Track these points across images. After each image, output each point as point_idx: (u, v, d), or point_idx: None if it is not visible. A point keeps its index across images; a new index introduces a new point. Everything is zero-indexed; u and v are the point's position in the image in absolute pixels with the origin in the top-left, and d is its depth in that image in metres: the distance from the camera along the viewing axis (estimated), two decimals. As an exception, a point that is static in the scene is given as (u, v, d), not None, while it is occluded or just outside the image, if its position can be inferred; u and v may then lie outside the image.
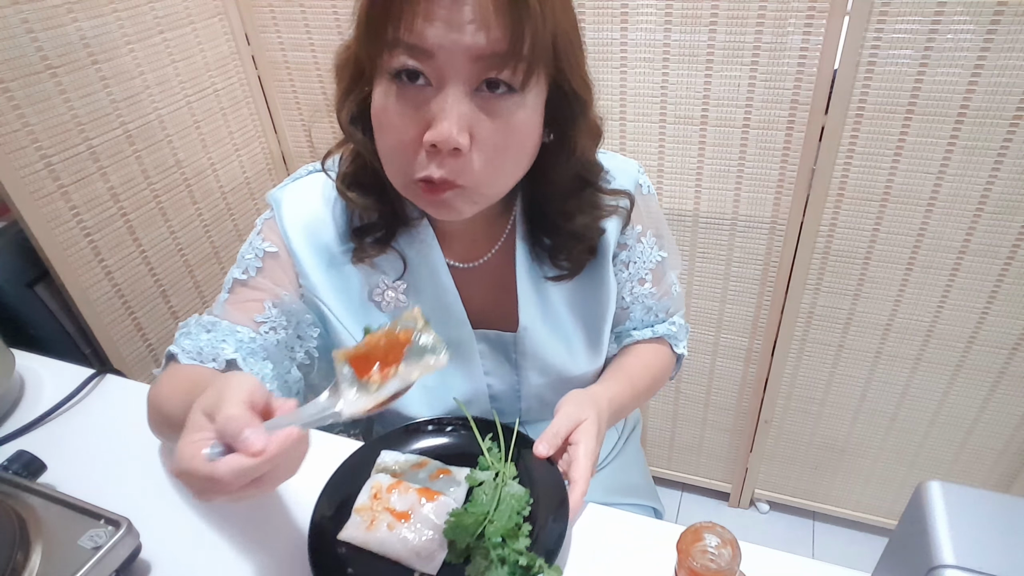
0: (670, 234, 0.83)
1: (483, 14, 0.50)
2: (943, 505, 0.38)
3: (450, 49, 0.51)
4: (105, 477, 0.69)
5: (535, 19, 0.50)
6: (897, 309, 1.22)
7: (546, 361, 0.76)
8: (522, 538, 0.57)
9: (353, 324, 0.72)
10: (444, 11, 0.50)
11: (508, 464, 0.65)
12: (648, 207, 0.79)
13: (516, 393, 0.79)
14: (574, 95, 0.59)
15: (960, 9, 0.93)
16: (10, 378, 0.79)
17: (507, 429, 0.69)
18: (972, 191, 1.05)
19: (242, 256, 0.71)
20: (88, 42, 1.05)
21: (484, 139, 0.55)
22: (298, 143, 1.49)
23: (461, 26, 0.50)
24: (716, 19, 1.05)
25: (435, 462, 0.67)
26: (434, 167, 0.55)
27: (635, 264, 0.79)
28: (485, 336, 0.75)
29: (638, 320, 0.84)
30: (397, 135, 0.57)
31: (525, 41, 0.51)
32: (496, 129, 0.55)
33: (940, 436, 1.35)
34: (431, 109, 0.53)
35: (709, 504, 1.68)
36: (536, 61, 0.53)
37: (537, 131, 0.60)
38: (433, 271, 0.72)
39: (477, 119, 0.54)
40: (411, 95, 0.54)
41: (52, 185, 1.03)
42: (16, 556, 0.54)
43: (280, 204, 0.71)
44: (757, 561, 0.56)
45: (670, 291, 0.84)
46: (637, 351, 0.84)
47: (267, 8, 1.31)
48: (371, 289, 0.73)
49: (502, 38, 0.50)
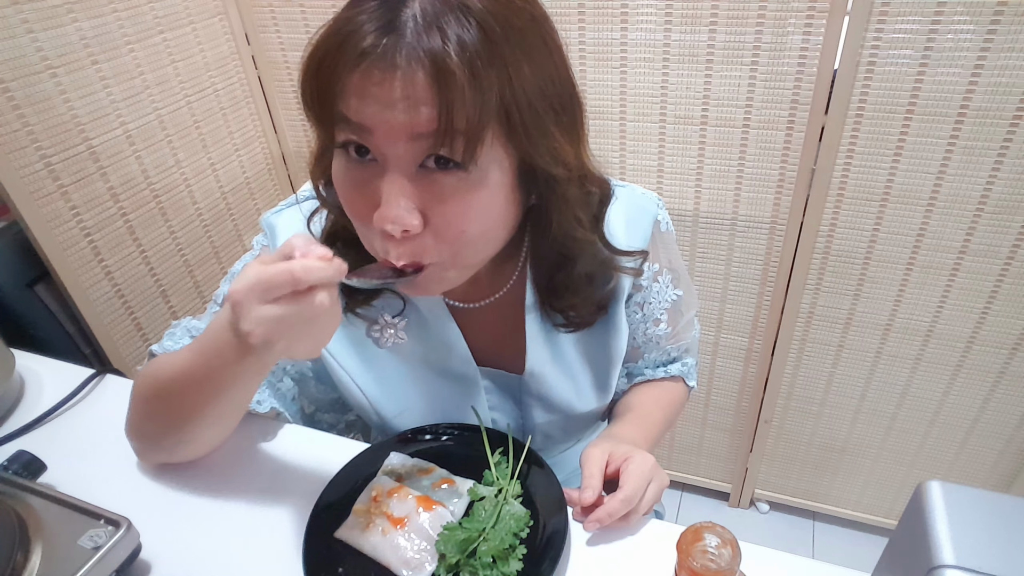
0: (686, 272, 0.80)
1: (412, 91, 0.47)
2: (943, 505, 0.38)
3: (386, 127, 0.49)
4: (105, 477, 0.69)
5: (464, 94, 0.47)
6: (897, 309, 1.22)
7: (552, 401, 0.74)
8: (513, 561, 0.56)
9: (348, 360, 0.71)
10: (375, 88, 0.48)
11: (514, 482, 0.64)
12: (666, 244, 0.76)
13: (520, 428, 0.78)
14: (541, 170, 0.55)
15: (960, 9, 0.93)
16: (10, 378, 0.79)
17: (518, 446, 0.68)
18: (972, 191, 1.05)
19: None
20: (88, 42, 1.05)
21: (439, 218, 0.52)
22: (298, 143, 1.49)
23: (392, 103, 0.48)
24: (716, 19, 1.05)
25: (441, 470, 0.66)
26: (392, 251, 0.53)
27: (650, 305, 0.77)
28: (491, 375, 0.74)
29: (651, 360, 0.83)
30: (355, 210, 0.55)
31: (455, 116, 0.47)
32: (450, 208, 0.52)
33: (940, 436, 1.35)
34: (379, 188, 0.51)
35: (709, 504, 1.68)
36: (476, 136, 0.49)
37: (504, 202, 0.55)
38: (433, 310, 0.70)
39: (427, 198, 0.51)
40: (361, 171, 0.52)
41: (52, 185, 1.03)
42: (16, 556, 0.54)
43: (275, 230, 0.70)
44: (757, 561, 0.56)
45: (686, 332, 0.82)
46: (651, 391, 0.82)
47: (267, 8, 1.31)
48: (368, 326, 0.71)
49: (433, 116, 0.48)
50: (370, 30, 0.47)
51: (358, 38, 0.47)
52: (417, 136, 0.49)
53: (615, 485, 0.61)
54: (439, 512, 0.60)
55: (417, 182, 0.51)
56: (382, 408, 0.72)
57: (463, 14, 0.47)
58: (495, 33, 0.48)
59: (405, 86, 0.47)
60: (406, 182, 0.51)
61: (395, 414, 0.73)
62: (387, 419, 0.73)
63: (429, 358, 0.72)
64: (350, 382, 0.71)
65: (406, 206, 0.51)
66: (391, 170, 0.51)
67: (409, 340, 0.71)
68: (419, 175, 0.51)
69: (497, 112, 0.49)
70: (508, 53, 0.49)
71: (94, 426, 0.76)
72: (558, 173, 0.55)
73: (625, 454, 0.64)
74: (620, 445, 0.66)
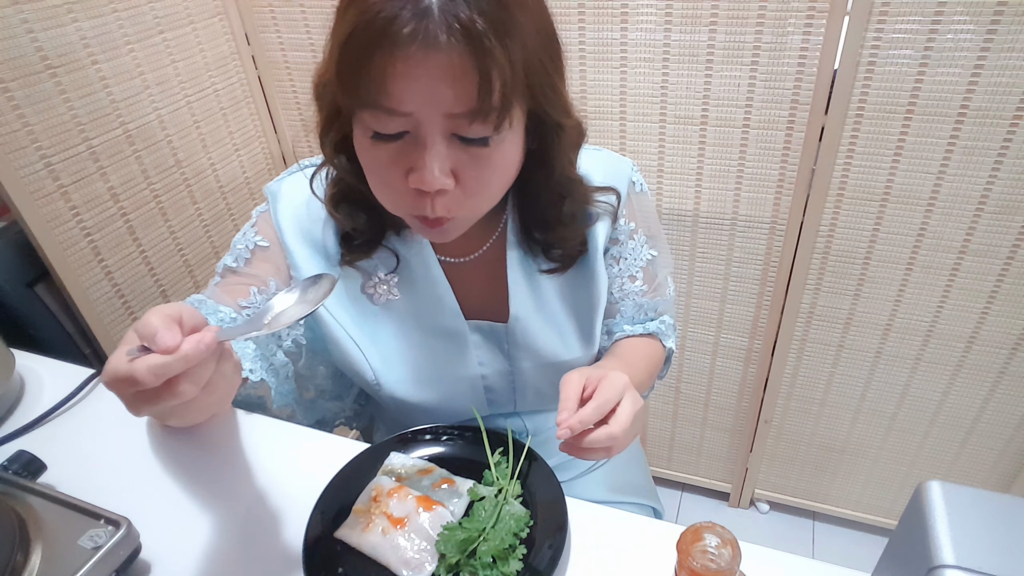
0: (663, 234, 0.84)
1: (452, 74, 0.50)
2: (943, 505, 0.38)
3: (425, 108, 0.52)
4: (105, 477, 0.69)
5: (502, 67, 0.51)
6: (897, 309, 1.22)
7: (538, 349, 0.77)
8: (513, 561, 0.56)
9: (344, 316, 0.74)
10: (417, 71, 0.50)
11: (514, 482, 0.64)
12: (641, 205, 0.80)
13: (510, 383, 0.80)
14: (551, 120, 0.60)
15: (960, 9, 0.93)
16: (10, 378, 0.79)
17: (518, 446, 0.68)
18: (972, 191, 1.05)
19: (235, 245, 0.73)
20: (88, 42, 1.05)
21: (468, 176, 0.57)
22: (298, 143, 1.49)
23: (431, 88, 0.51)
24: (716, 19, 1.05)
25: (441, 470, 0.66)
26: (427, 208, 0.57)
27: (625, 260, 0.80)
28: (478, 327, 0.76)
29: (629, 317, 0.85)
30: (383, 176, 0.58)
31: (494, 92, 0.51)
32: (478, 167, 0.57)
33: (940, 436, 1.35)
34: (412, 157, 0.55)
35: (709, 504, 1.69)
36: (507, 107, 0.53)
37: (519, 153, 0.61)
38: (425, 266, 0.73)
39: (458, 161, 0.56)
40: (392, 144, 0.56)
41: (52, 185, 1.03)
42: (16, 556, 0.54)
43: (276, 197, 0.72)
44: (757, 561, 0.56)
45: (661, 291, 0.85)
46: (628, 343, 0.85)
47: (267, 8, 1.31)
48: (364, 282, 0.74)
49: (472, 95, 0.51)
50: (407, 17, 0.48)
51: (397, 26, 0.48)
52: (452, 115, 0.52)
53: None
54: (439, 512, 0.60)
55: (450, 147, 0.55)
56: (376, 365, 0.74)
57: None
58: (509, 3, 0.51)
59: (446, 67, 0.50)
60: (441, 149, 0.54)
61: (388, 372, 0.75)
62: (381, 377, 0.75)
63: (420, 315, 0.75)
64: (346, 338, 0.73)
65: (442, 170, 0.55)
66: (428, 142, 0.54)
67: (402, 297, 0.74)
68: (451, 141, 0.55)
69: (521, 80, 0.53)
70: (519, 17, 0.52)
71: (94, 426, 0.76)
72: (566, 123, 0.61)
73: (600, 376, 0.63)
74: (597, 370, 0.65)
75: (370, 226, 0.70)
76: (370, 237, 0.71)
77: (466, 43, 0.49)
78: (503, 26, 0.50)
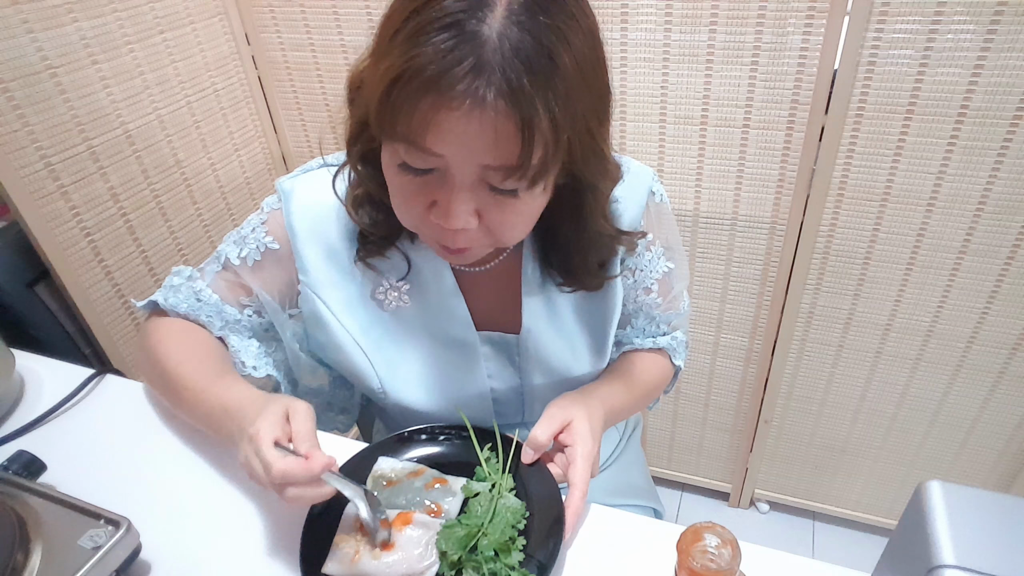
0: (682, 247, 0.81)
1: (495, 134, 0.49)
2: (943, 505, 0.38)
3: (461, 154, 0.51)
4: (105, 477, 0.69)
5: (545, 137, 0.49)
6: (897, 309, 1.22)
7: (549, 363, 0.76)
8: (515, 552, 0.57)
9: (352, 322, 0.72)
10: (460, 126, 0.48)
11: (506, 476, 0.64)
12: (660, 216, 0.77)
13: (519, 396, 0.79)
14: (587, 181, 0.59)
15: (960, 9, 0.93)
16: (10, 378, 0.79)
17: (507, 440, 0.68)
18: (972, 191, 1.05)
19: (242, 237, 0.72)
20: (88, 42, 1.05)
21: (492, 218, 0.56)
22: (298, 143, 1.49)
23: (472, 142, 0.49)
24: (716, 19, 1.05)
25: (431, 471, 0.66)
26: (448, 239, 0.57)
27: (641, 272, 0.78)
28: (489, 338, 0.75)
29: (640, 329, 0.83)
30: (406, 202, 0.57)
31: (535, 156, 0.50)
32: (503, 211, 0.56)
33: (940, 436, 1.35)
34: (438, 193, 0.54)
35: (709, 504, 1.69)
36: (544, 170, 0.52)
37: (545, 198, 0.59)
38: (438, 274, 0.71)
39: (483, 203, 0.55)
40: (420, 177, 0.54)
41: (52, 185, 1.03)
42: (16, 556, 0.54)
43: (289, 196, 0.71)
44: (757, 561, 0.56)
45: (676, 305, 0.83)
46: (636, 358, 0.83)
47: (267, 8, 1.31)
48: (374, 288, 0.72)
49: (513, 154, 0.50)
50: (461, 74, 0.46)
51: (451, 79, 0.47)
52: (487, 168, 0.51)
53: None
54: (419, 518, 0.60)
55: (477, 189, 0.54)
56: (383, 372, 0.73)
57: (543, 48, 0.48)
58: (567, 70, 0.49)
59: (489, 128, 0.48)
60: (468, 194, 0.54)
61: (394, 380, 0.74)
62: (387, 385, 0.74)
63: (430, 324, 0.73)
64: (352, 344, 0.72)
65: (466, 213, 0.54)
66: (457, 184, 0.53)
67: (412, 304, 0.73)
68: (480, 184, 0.54)
69: (564, 147, 0.52)
70: (574, 80, 0.50)
71: (94, 426, 0.76)
72: (602, 184, 0.61)
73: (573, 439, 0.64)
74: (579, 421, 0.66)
75: (388, 227, 0.68)
76: (387, 234, 0.69)
77: (514, 106, 0.47)
78: (555, 92, 0.48)
